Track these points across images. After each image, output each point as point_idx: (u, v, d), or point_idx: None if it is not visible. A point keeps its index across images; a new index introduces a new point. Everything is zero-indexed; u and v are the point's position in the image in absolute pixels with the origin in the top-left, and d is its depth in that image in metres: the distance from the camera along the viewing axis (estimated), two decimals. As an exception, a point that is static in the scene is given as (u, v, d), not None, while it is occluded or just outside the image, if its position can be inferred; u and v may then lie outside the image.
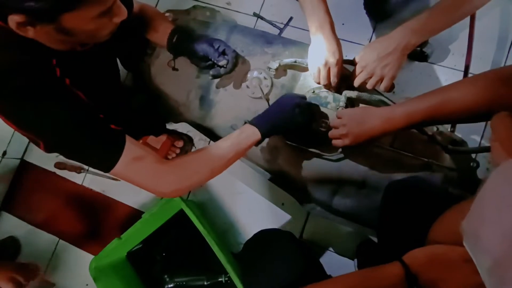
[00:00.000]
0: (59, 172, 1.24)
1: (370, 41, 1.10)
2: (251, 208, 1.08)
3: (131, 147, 0.63)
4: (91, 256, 1.11)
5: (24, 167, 1.27)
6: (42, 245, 1.20)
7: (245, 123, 0.72)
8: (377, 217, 0.74)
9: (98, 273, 0.95)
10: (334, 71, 0.74)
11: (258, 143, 0.70)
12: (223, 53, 0.80)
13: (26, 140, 1.27)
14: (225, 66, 0.80)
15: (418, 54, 1.03)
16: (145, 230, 1.01)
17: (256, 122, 0.70)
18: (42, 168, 1.26)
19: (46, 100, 0.59)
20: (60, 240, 1.21)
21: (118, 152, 0.62)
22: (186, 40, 0.82)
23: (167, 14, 0.99)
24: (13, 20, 0.52)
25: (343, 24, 1.12)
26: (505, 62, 1.00)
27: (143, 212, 1.15)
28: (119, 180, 1.20)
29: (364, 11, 1.11)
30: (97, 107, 0.67)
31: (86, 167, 1.22)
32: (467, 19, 0.91)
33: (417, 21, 0.68)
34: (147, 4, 0.90)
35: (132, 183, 0.67)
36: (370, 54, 0.73)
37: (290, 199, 1.02)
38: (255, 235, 0.66)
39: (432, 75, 1.05)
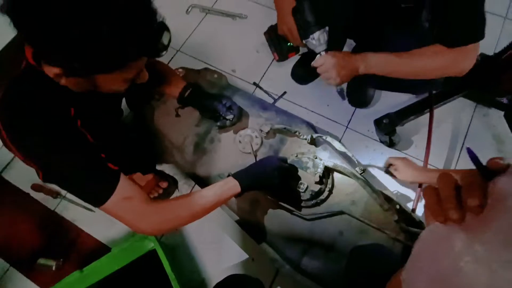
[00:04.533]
0: (34, 194, 1.21)
1: (349, 123, 1.27)
2: (221, 259, 1.09)
3: (123, 186, 0.68)
4: (40, 290, 1.04)
5: (-2, 184, 1.25)
6: (-11, 270, 1.11)
7: (229, 175, 0.80)
8: (342, 282, 0.78)
9: (47, 307, 0.89)
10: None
11: (237, 195, 0.77)
12: (230, 108, 0.92)
13: (8, 158, 1.29)
14: (231, 119, 0.91)
15: (388, 141, 1.21)
16: (110, 266, 0.97)
17: (238, 176, 0.78)
18: (17, 187, 1.24)
19: (57, 137, 0.64)
20: (10, 267, 1.12)
21: (111, 190, 0.66)
22: (198, 95, 0.95)
23: (180, 70, 1.14)
24: (52, 71, 0.57)
25: (327, 105, 1.30)
26: (457, 161, 1.18)
27: (110, 249, 1.11)
28: (94, 211, 1.19)
29: (346, 99, 1.31)
30: (100, 147, 0.73)
31: (63, 193, 1.21)
32: (427, 120, 1.11)
33: (372, 58, 0.82)
34: (160, 61, 1.02)
35: (118, 218, 0.70)
36: (332, 58, 0.82)
37: (260, 256, 1.05)
38: (225, 279, 0.68)
39: (399, 161, 1.20)
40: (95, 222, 1.17)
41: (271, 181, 0.80)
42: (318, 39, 0.81)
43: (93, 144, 0.72)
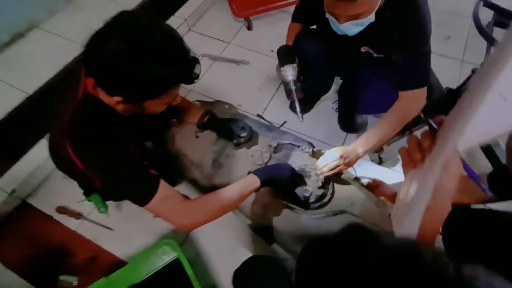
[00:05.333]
0: (57, 216, 1.30)
1: (342, 145, 1.46)
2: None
3: (163, 188, 0.82)
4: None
5: (22, 208, 1.33)
6: (10, 290, 1.15)
7: (249, 173, 0.95)
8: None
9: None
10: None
11: (257, 189, 0.91)
12: (243, 128, 1.10)
13: (34, 185, 1.39)
14: (244, 136, 1.09)
15: (378, 159, 1.38)
16: (135, 275, 1.03)
17: (257, 173, 0.92)
18: (41, 211, 1.32)
19: (112, 149, 0.80)
20: (31, 286, 1.16)
21: (154, 191, 0.80)
22: (215, 120, 1.13)
23: (196, 102, 1.34)
24: (114, 99, 0.75)
25: (323, 131, 1.50)
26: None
27: (129, 264, 1.17)
28: (113, 230, 1.27)
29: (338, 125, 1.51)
30: (143, 156, 0.89)
31: (85, 214, 1.30)
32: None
33: (361, 140, 1.04)
34: (180, 96, 1.22)
35: (160, 216, 0.83)
36: (337, 152, 1.02)
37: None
38: (246, 261, 0.77)
39: (389, 176, 1.36)
40: (114, 240, 1.25)
41: (284, 177, 0.95)
42: (286, 70, 1.10)
43: (137, 154, 0.87)
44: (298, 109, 1.10)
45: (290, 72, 1.11)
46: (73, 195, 1.31)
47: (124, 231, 1.27)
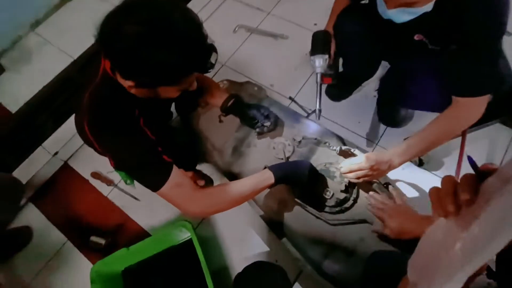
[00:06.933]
0: (92, 181, 1.41)
1: (379, 141, 1.32)
2: (246, 257, 1.17)
3: (175, 175, 0.81)
4: (89, 264, 1.20)
5: (64, 169, 1.46)
6: (51, 241, 1.30)
7: (265, 167, 0.90)
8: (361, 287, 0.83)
9: (97, 277, 1.03)
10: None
11: (271, 186, 0.86)
12: (267, 116, 1.03)
13: (76, 146, 1.50)
14: (268, 126, 1.03)
15: (417, 160, 1.23)
16: (152, 248, 1.10)
17: (273, 168, 0.87)
18: (79, 174, 1.44)
19: (126, 133, 0.79)
20: (68, 241, 1.31)
21: (166, 178, 0.80)
22: (240, 104, 1.07)
23: (224, 82, 1.28)
24: (126, 83, 0.73)
25: (359, 122, 1.37)
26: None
27: (150, 235, 1.25)
28: (139, 200, 1.35)
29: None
30: (158, 141, 0.88)
31: (116, 182, 1.39)
32: (459, 141, 1.13)
33: (400, 148, 0.89)
34: (207, 76, 1.16)
35: (171, 202, 0.83)
36: (368, 161, 0.89)
37: (284, 257, 1.12)
38: (252, 264, 0.76)
39: (428, 182, 1.22)
40: (140, 210, 1.33)
41: (301, 178, 0.89)
42: (315, 61, 1.02)
43: (152, 139, 0.87)
44: (317, 107, 1.02)
45: (319, 64, 1.01)
46: (106, 163, 1.40)
47: (149, 202, 1.34)
